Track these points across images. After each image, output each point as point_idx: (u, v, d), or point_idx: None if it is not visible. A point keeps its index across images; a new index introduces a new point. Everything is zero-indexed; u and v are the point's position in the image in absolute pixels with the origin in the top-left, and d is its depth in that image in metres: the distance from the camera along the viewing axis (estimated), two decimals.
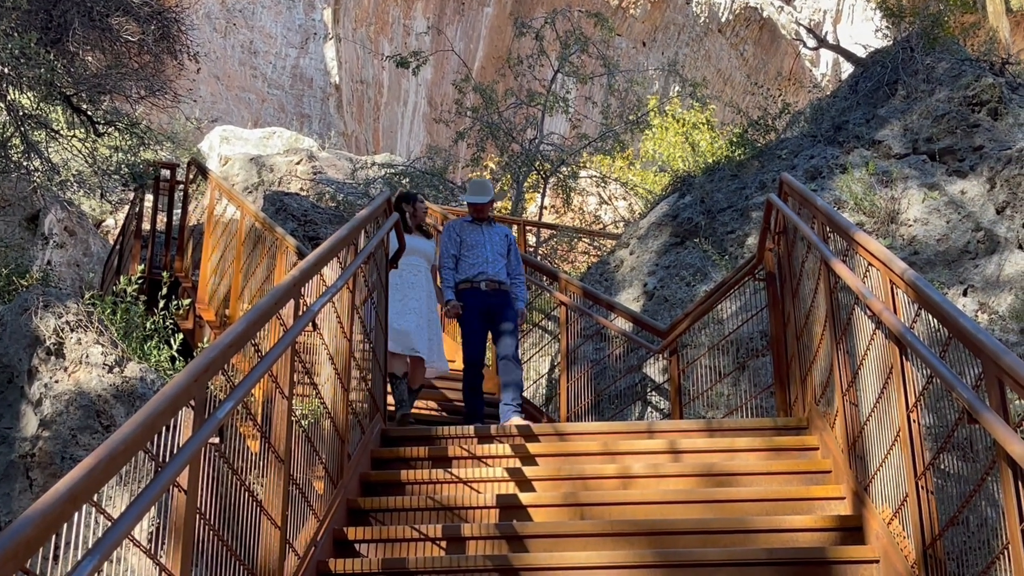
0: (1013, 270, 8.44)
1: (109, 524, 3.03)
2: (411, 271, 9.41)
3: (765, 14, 36.66)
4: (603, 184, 22.13)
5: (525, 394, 10.19)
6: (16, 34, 11.44)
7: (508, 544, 5.54)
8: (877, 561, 5.12)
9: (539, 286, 11.39)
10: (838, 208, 9.46)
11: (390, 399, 8.60)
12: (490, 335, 9.21)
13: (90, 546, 2.93)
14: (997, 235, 8.81)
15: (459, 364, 11.26)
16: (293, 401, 4.93)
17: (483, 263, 9.16)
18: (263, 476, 4.68)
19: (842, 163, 10.41)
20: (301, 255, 9.01)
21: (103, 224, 19.90)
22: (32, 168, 13.67)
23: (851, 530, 5.49)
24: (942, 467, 4.76)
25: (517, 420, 8.25)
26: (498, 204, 21.48)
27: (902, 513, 4.90)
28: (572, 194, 21.06)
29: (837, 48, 20.21)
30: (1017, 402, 3.86)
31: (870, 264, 5.46)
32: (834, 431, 6.17)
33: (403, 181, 20.05)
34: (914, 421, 4.76)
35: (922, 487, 4.64)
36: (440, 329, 9.68)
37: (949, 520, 4.44)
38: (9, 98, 12.78)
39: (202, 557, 3.80)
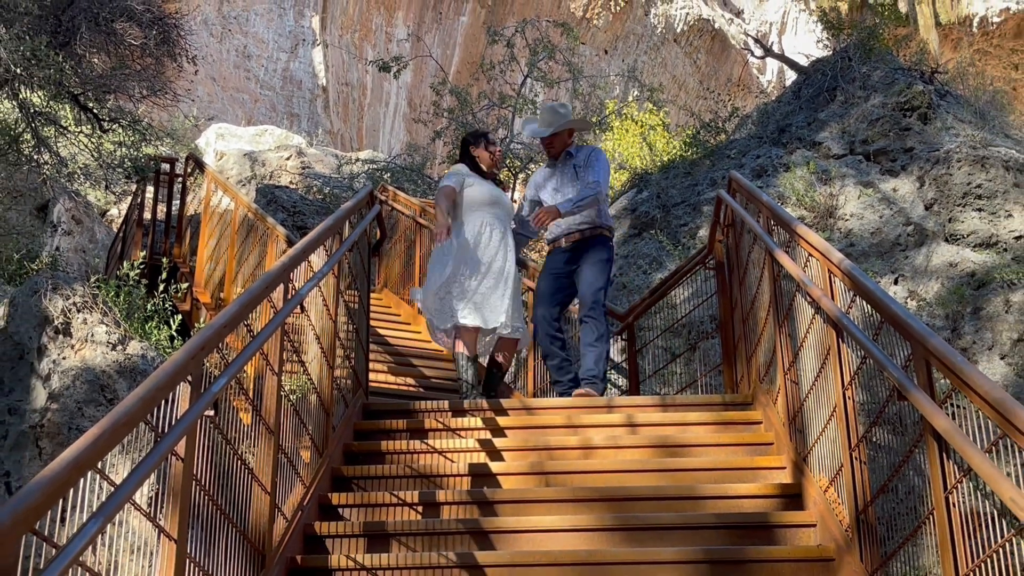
0: (939, 261, 8.50)
1: (112, 490, 3.02)
2: (486, 227, 7.60)
3: (717, 25, 36.70)
4: None
5: None
6: (28, 37, 11.36)
7: (479, 509, 5.55)
8: (814, 525, 5.15)
9: None
10: (781, 203, 9.49)
11: (373, 376, 8.51)
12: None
13: (94, 510, 2.92)
14: (926, 229, 8.86)
15: (436, 344, 11.29)
16: (282, 377, 4.92)
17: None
18: (254, 446, 4.67)
19: (785, 162, 10.45)
20: (290, 243, 8.99)
21: (107, 213, 19.78)
22: (42, 161, 13.60)
23: (791, 497, 5.51)
24: (874, 440, 4.79)
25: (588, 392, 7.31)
26: None
27: (837, 482, 4.93)
28: None
29: (782, 57, 20.28)
30: (942, 381, 3.89)
31: (810, 255, 5.48)
32: (776, 407, 6.20)
33: (385, 176, 20.00)
34: (849, 398, 4.79)
35: (856, 458, 4.66)
36: (519, 293, 7.80)
37: (880, 488, 4.47)
38: (21, 96, 12.69)
39: (198, 520, 3.80)
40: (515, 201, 20.18)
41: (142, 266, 10.99)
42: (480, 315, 7.40)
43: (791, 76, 26.18)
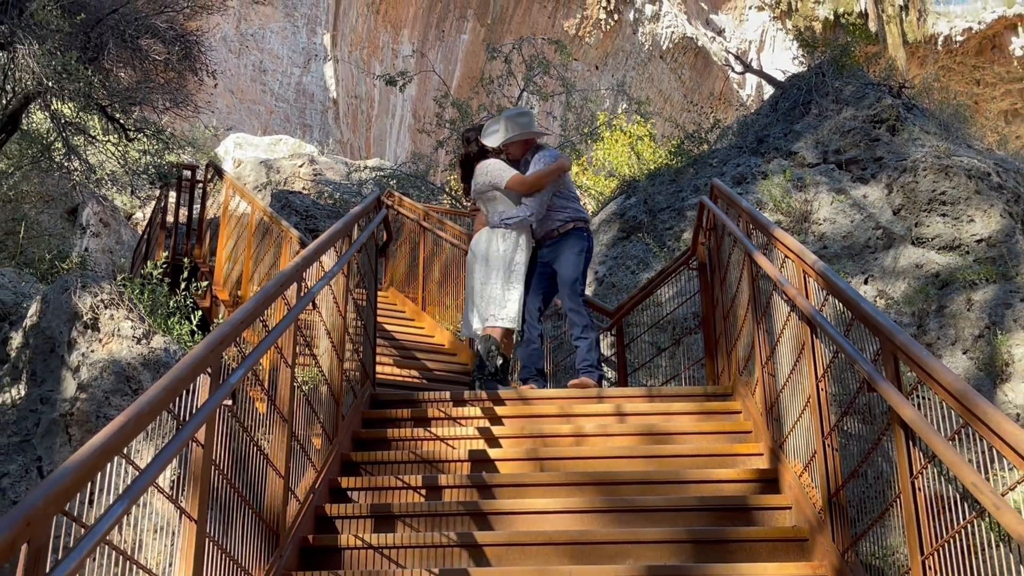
0: (906, 262, 8.50)
1: (137, 473, 3.02)
2: (499, 224, 7.55)
3: (700, 43, 36.69)
4: None
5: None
6: (59, 53, 11.35)
7: (478, 492, 5.55)
8: (790, 507, 5.15)
9: None
10: (760, 208, 9.49)
11: (380, 368, 8.49)
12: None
13: (120, 492, 2.92)
14: (894, 233, 8.87)
15: (439, 338, 11.29)
16: (295, 369, 4.92)
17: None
18: (269, 433, 4.67)
19: (763, 170, 10.44)
20: (303, 245, 8.98)
21: (133, 217, 19.77)
22: (72, 168, 13.61)
23: (768, 481, 5.52)
24: (845, 428, 4.80)
25: (585, 382, 7.29)
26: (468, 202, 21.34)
27: (811, 467, 4.93)
28: None
29: (760, 73, 20.27)
30: (909, 374, 3.89)
31: (786, 256, 5.48)
32: (755, 397, 6.20)
33: (391, 182, 19.99)
34: (822, 390, 4.79)
35: (828, 445, 4.67)
36: (520, 283, 7.50)
37: (850, 473, 4.47)
38: (53, 108, 12.69)
39: (217, 502, 3.80)
40: None
41: (165, 266, 10.98)
42: (482, 318, 7.45)
43: (769, 90, 26.16)
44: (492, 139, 7.66)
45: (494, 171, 7.62)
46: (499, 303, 7.41)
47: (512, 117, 7.77)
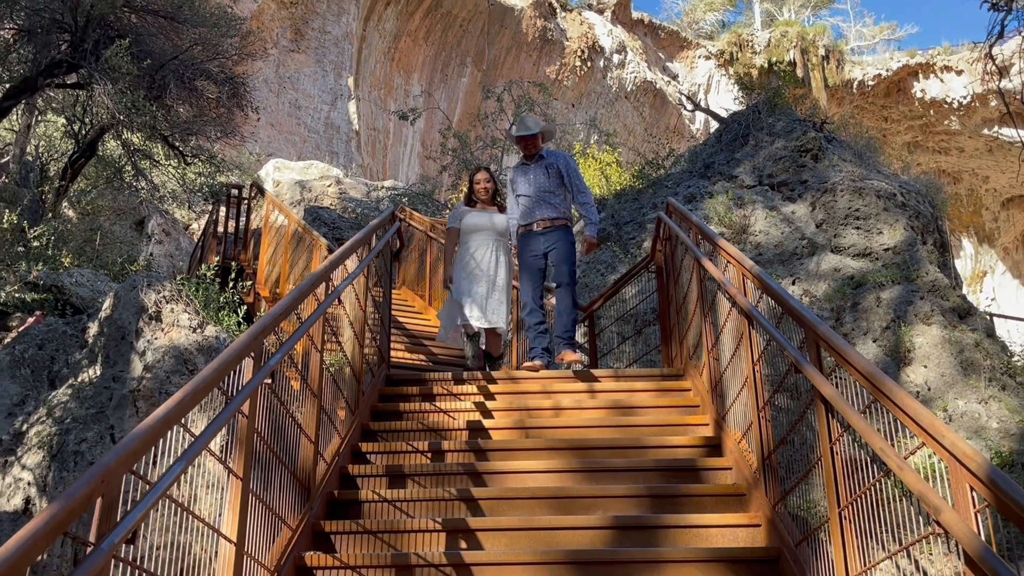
0: (827, 266, 8.52)
1: (192, 440, 3.01)
2: (479, 248, 7.66)
3: (657, 86, 36.72)
4: None
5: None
6: (129, 92, 11.33)
7: (475, 455, 5.55)
8: (730, 468, 5.17)
9: None
10: (707, 222, 9.50)
11: (394, 353, 8.48)
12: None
13: (179, 455, 2.91)
14: (816, 242, 8.88)
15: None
16: (324, 353, 4.92)
17: (532, 204, 7.36)
18: (302, 406, 4.66)
19: (710, 191, 10.45)
20: (330, 251, 8.96)
21: (190, 227, 19.71)
22: (140, 187, 13.58)
23: (713, 447, 5.53)
24: (776, 403, 4.81)
25: (568, 356, 7.01)
26: None
27: (748, 435, 4.94)
28: None
29: (707, 111, 20.25)
30: (828, 359, 3.90)
31: (728, 262, 5.49)
32: (702, 377, 6.21)
33: (403, 200, 19.96)
34: (757, 371, 4.80)
35: (762, 417, 4.68)
36: (506, 292, 7.66)
37: (780, 440, 4.49)
38: (123, 137, 12.66)
39: (258, 463, 3.79)
40: None
41: (216, 268, 10.96)
42: (484, 316, 7.51)
43: (714, 125, 26.18)
44: (526, 132, 7.55)
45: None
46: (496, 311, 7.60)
47: (533, 118, 7.68)
